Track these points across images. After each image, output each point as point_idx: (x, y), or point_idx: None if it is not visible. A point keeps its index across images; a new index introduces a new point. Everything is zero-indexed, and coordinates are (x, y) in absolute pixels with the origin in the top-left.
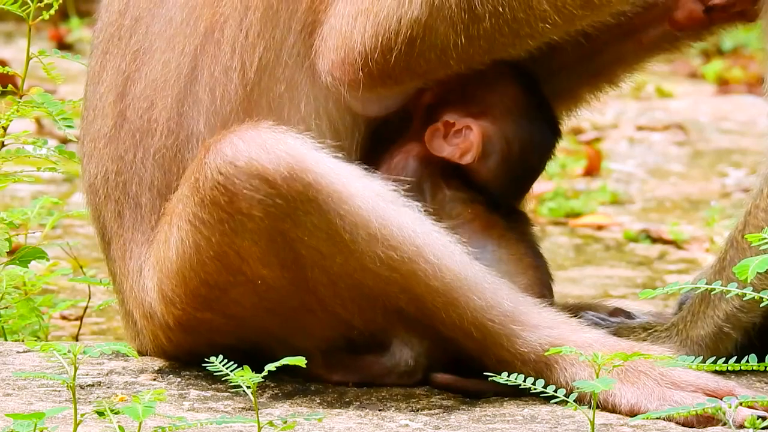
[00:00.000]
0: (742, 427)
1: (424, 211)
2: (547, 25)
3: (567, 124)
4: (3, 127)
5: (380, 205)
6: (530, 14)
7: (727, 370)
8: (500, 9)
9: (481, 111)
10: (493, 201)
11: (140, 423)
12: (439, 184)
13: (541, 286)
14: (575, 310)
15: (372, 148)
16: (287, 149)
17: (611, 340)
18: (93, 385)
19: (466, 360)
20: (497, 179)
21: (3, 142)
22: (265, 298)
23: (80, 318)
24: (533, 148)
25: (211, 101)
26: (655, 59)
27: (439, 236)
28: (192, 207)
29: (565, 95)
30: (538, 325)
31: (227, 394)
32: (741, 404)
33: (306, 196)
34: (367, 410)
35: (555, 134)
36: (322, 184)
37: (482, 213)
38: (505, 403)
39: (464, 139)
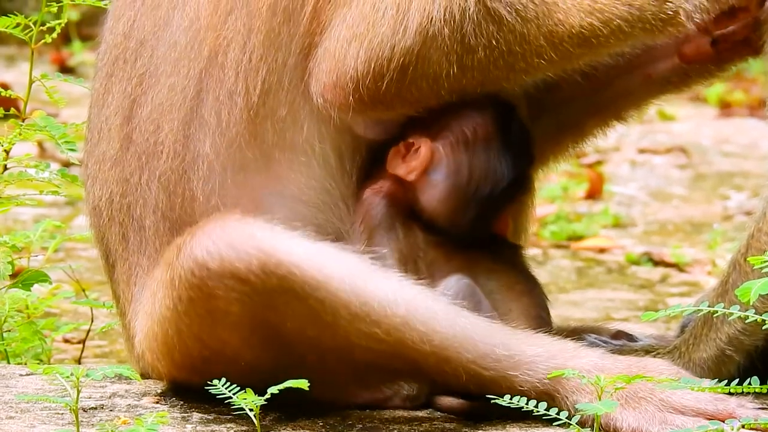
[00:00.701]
0: None
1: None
2: (543, 61)
3: (572, 154)
4: (5, 150)
5: (358, 283)
6: (526, 48)
7: (730, 393)
8: (494, 42)
9: (437, 133)
10: (470, 237)
11: None
12: (411, 226)
13: (538, 309)
14: (577, 333)
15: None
16: (256, 244)
17: (608, 361)
18: (96, 408)
19: None
20: (444, 205)
21: (5, 166)
22: (252, 373)
23: (83, 341)
24: (484, 178)
25: (217, 124)
26: (664, 96)
27: (422, 298)
28: (171, 298)
29: (572, 127)
30: (533, 360)
31: (230, 416)
32: (743, 426)
33: (282, 287)
34: None
35: (518, 169)
36: (296, 274)
37: (459, 251)
38: (508, 425)
39: (415, 158)
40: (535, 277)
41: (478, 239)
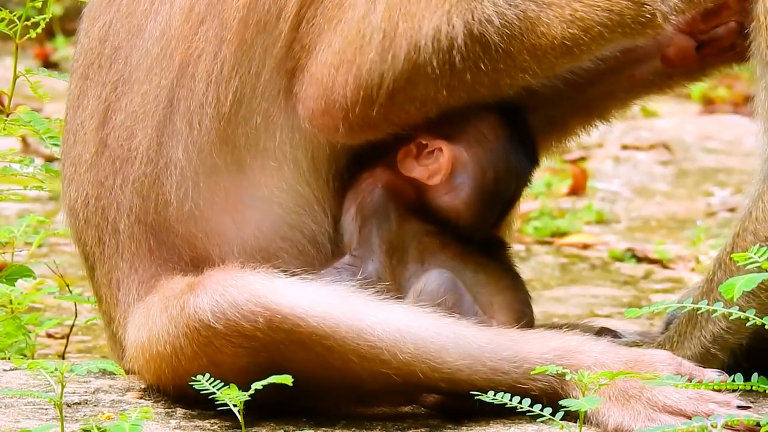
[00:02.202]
0: None
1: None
2: (527, 75)
3: (556, 153)
4: None
5: (364, 327)
6: (510, 65)
7: (714, 389)
8: (481, 64)
9: (455, 135)
10: (464, 232)
11: None
12: (406, 215)
13: (520, 304)
14: (561, 330)
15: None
16: (260, 301)
17: (609, 356)
18: (80, 403)
19: None
20: (470, 207)
21: None
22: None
23: (66, 336)
24: (508, 178)
25: (189, 131)
26: (648, 96)
27: (429, 330)
28: (172, 345)
29: (556, 126)
30: (541, 366)
31: (214, 412)
32: (727, 423)
33: (290, 339)
34: (354, 429)
35: (532, 165)
36: (302, 326)
37: (452, 242)
38: (491, 422)
39: (434, 161)
40: (518, 272)
41: (471, 235)
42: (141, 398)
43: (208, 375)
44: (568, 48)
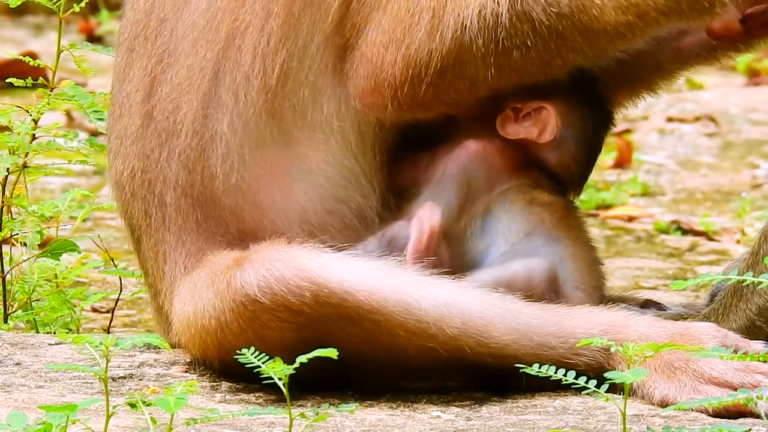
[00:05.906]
0: None
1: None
2: (578, 56)
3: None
4: (34, 119)
5: (411, 302)
6: (561, 44)
7: (759, 361)
8: (529, 42)
9: (547, 94)
10: (567, 188)
11: (172, 415)
12: (505, 177)
13: (599, 281)
14: (606, 302)
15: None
16: (307, 275)
17: (654, 330)
18: (125, 377)
19: None
20: (576, 160)
21: (34, 135)
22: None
23: (111, 310)
24: (597, 127)
25: (235, 104)
26: (694, 68)
27: (475, 304)
28: (217, 320)
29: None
30: (575, 333)
31: (259, 385)
32: None
33: (337, 314)
34: (399, 402)
35: (611, 117)
36: (349, 301)
37: (559, 199)
38: (536, 394)
39: (538, 119)
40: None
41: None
42: (186, 372)
43: (253, 349)
44: (622, 33)
